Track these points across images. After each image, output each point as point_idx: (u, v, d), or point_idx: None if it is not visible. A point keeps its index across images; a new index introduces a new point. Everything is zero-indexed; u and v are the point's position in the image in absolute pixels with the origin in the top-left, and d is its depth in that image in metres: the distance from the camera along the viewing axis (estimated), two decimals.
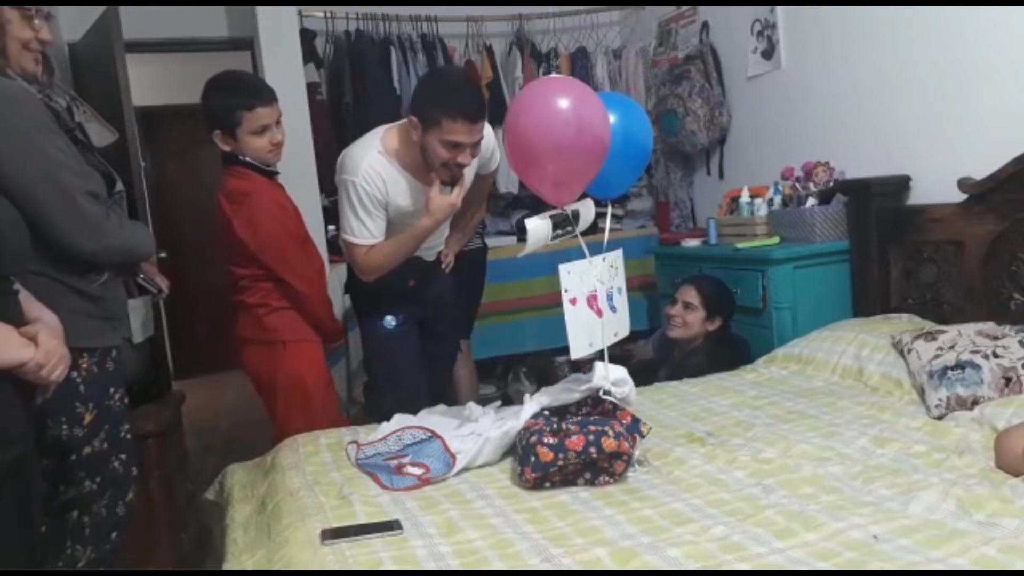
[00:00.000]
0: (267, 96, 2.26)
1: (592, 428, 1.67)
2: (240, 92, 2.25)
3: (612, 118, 1.85)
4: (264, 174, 2.31)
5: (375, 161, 2.22)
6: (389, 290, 2.42)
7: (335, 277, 3.06)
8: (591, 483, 1.67)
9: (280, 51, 3.41)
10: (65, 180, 1.59)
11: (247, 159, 2.27)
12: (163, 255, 2.50)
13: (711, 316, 2.82)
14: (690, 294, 2.85)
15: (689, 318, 2.83)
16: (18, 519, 1.29)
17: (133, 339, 2.14)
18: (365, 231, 2.26)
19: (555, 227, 1.87)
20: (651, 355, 3.07)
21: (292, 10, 3.50)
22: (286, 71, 3.28)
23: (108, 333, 1.74)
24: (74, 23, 3.21)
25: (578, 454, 1.64)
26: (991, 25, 2.36)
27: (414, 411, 2.17)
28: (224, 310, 2.56)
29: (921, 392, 2.01)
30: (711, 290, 2.85)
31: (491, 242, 3.57)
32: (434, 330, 2.61)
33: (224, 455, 3.55)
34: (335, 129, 3.61)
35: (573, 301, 1.81)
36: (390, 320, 2.47)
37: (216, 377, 5.50)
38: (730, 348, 2.81)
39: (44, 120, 1.59)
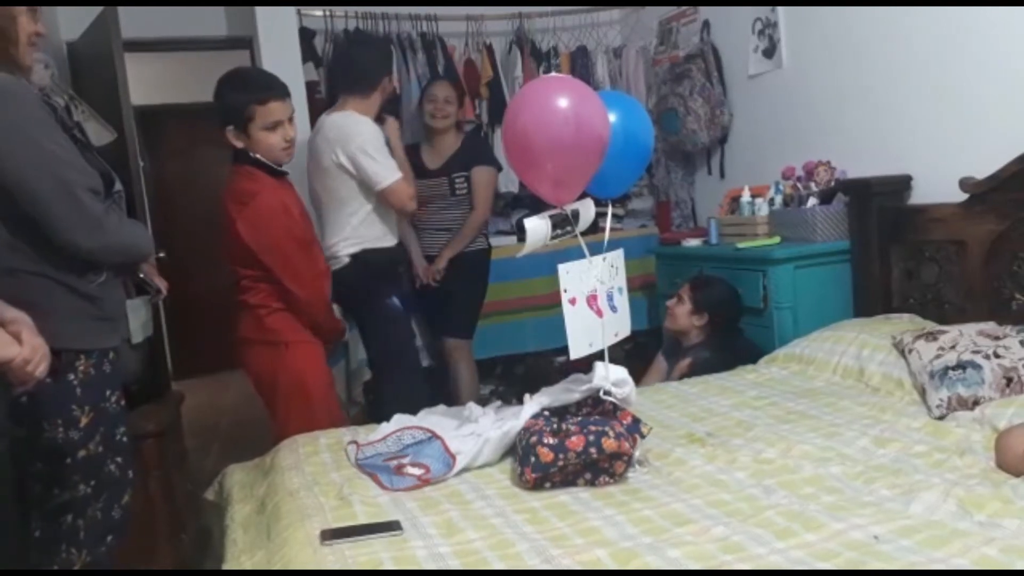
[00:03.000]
0: (280, 91, 2.26)
1: (592, 428, 1.67)
2: (252, 87, 2.26)
3: (613, 117, 1.85)
4: (273, 174, 2.30)
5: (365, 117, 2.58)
6: (392, 272, 2.72)
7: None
8: (591, 483, 1.67)
9: (279, 50, 3.40)
10: (66, 176, 1.58)
11: (258, 157, 2.26)
12: (162, 255, 2.49)
13: (697, 311, 2.86)
14: (684, 288, 2.92)
15: (677, 310, 2.90)
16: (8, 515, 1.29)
17: (132, 339, 2.13)
18: (394, 167, 2.58)
19: (554, 227, 1.86)
20: (664, 366, 3.06)
21: (291, 9, 3.49)
22: (285, 70, 3.25)
23: (106, 334, 1.72)
24: (73, 22, 3.20)
25: (578, 454, 1.64)
26: (991, 25, 2.36)
27: (419, 389, 2.32)
28: (224, 310, 2.56)
29: (922, 392, 2.01)
30: (703, 287, 2.90)
31: (491, 242, 3.56)
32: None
33: (224, 455, 3.54)
34: None
35: (572, 301, 1.81)
36: (396, 301, 2.66)
37: (216, 377, 5.50)
38: (734, 352, 2.77)
39: (43, 116, 1.59)
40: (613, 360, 1.86)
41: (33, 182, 1.54)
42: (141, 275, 1.95)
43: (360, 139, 2.54)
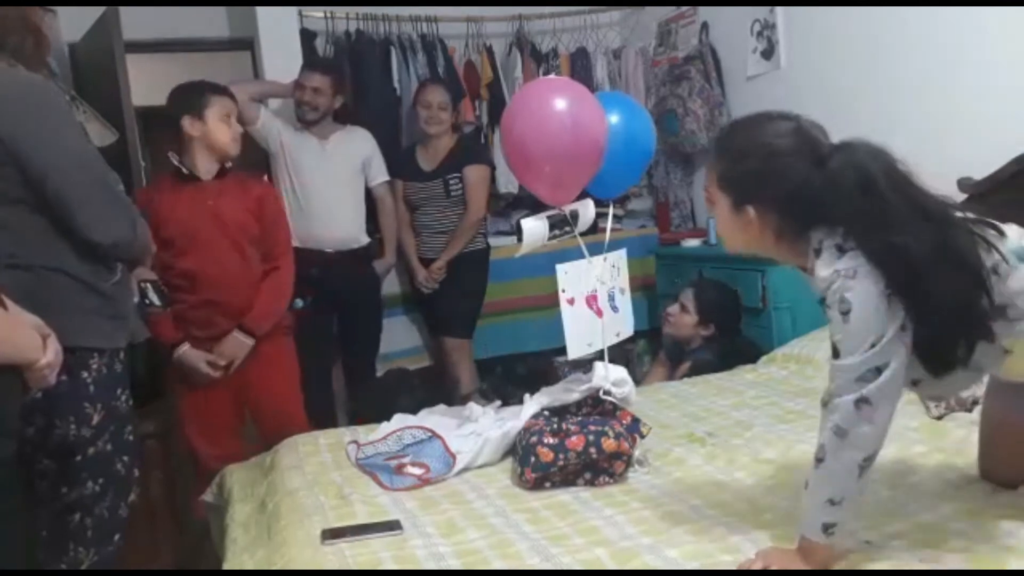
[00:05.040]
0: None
1: (592, 428, 1.67)
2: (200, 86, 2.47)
3: (614, 119, 1.85)
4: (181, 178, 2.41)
5: None
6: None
7: None
8: (591, 483, 1.67)
9: (280, 51, 3.41)
10: (104, 172, 1.63)
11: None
12: None
13: (704, 321, 2.84)
14: (687, 297, 2.88)
15: (681, 320, 2.87)
16: (16, 514, 1.29)
17: (134, 339, 2.14)
18: None
19: (553, 227, 1.87)
20: (665, 365, 3.05)
21: (292, 10, 3.50)
22: (286, 71, 3.28)
23: (118, 333, 1.73)
24: (74, 23, 3.20)
25: (578, 454, 1.64)
26: (991, 25, 2.36)
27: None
28: None
29: None
30: (709, 296, 2.87)
31: (491, 242, 3.57)
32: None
33: None
34: None
35: (571, 301, 1.81)
36: (298, 303, 2.72)
37: None
38: (734, 353, 2.77)
39: (73, 117, 1.63)
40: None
41: (70, 176, 1.56)
42: (160, 283, 1.99)
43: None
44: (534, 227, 1.83)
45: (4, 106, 1.51)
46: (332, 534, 1.48)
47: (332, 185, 3.08)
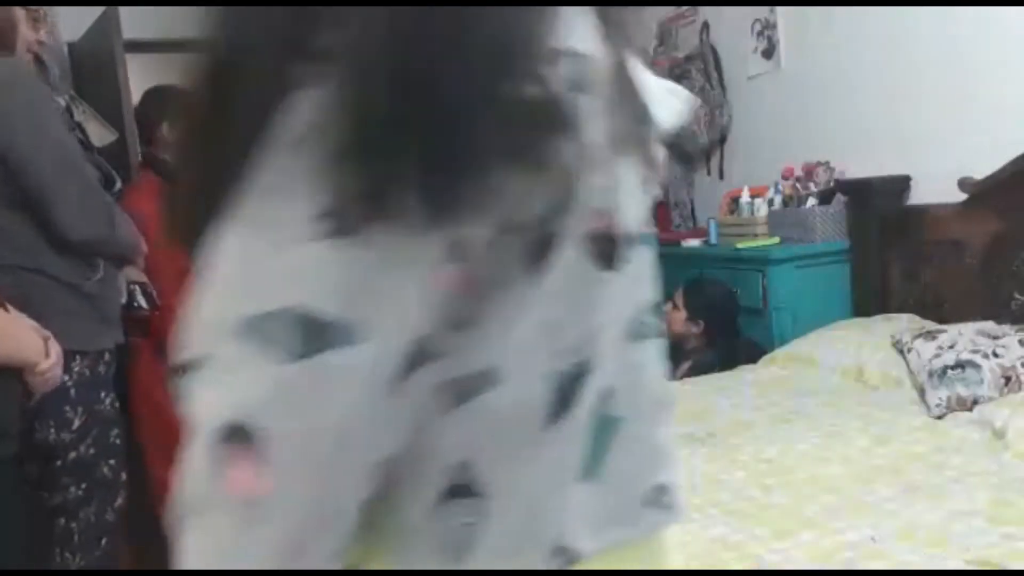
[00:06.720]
0: None
1: None
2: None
3: None
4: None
5: None
6: None
7: None
8: None
9: None
10: (82, 166, 1.61)
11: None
12: None
13: (692, 318, 2.84)
14: (678, 294, 2.89)
15: (672, 316, 2.87)
16: (17, 515, 1.29)
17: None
18: None
19: None
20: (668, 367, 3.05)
21: None
22: None
23: (103, 335, 1.70)
24: (74, 23, 3.21)
25: None
26: (991, 24, 2.36)
27: None
28: None
29: (921, 392, 2.01)
30: (697, 294, 2.88)
31: None
32: None
33: None
34: None
35: None
36: None
37: None
38: (734, 353, 2.77)
39: (56, 108, 1.62)
40: None
41: (51, 171, 1.54)
42: (151, 289, 1.98)
43: None
44: None
45: None
46: None
47: None
